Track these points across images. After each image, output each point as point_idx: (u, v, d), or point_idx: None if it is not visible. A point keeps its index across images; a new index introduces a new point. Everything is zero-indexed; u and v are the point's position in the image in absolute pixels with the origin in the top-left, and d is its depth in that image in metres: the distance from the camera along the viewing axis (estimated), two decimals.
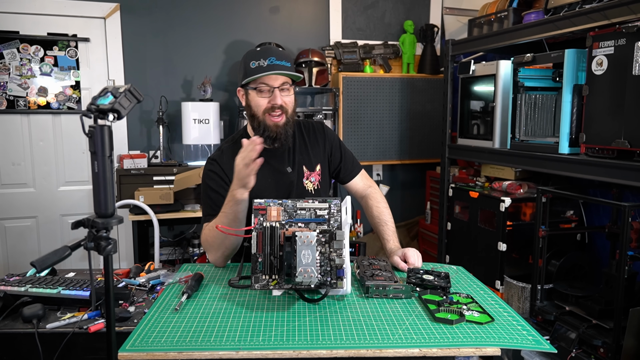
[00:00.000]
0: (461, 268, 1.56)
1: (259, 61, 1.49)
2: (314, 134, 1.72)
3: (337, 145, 1.75)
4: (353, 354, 1.03)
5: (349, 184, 1.78)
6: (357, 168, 1.79)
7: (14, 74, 3.13)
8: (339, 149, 1.75)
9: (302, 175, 1.66)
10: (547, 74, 2.46)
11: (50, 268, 1.34)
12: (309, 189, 1.66)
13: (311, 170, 1.67)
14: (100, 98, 0.97)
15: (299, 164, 1.66)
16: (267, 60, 1.49)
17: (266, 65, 1.49)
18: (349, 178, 1.77)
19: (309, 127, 1.74)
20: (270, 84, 1.51)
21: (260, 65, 1.49)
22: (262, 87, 1.52)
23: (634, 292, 2.00)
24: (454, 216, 3.00)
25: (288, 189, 1.63)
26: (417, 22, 3.76)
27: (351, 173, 1.77)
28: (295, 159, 1.66)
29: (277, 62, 1.49)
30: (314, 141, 1.71)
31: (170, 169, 3.03)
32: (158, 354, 1.01)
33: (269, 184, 1.60)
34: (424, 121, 3.69)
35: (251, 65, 1.50)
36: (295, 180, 1.64)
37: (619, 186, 2.18)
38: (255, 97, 1.54)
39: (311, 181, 1.67)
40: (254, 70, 1.49)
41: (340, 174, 1.76)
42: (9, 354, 1.34)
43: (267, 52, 1.51)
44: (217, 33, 3.43)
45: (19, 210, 3.24)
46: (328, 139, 1.73)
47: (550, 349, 1.07)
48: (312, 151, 1.69)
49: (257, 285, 1.24)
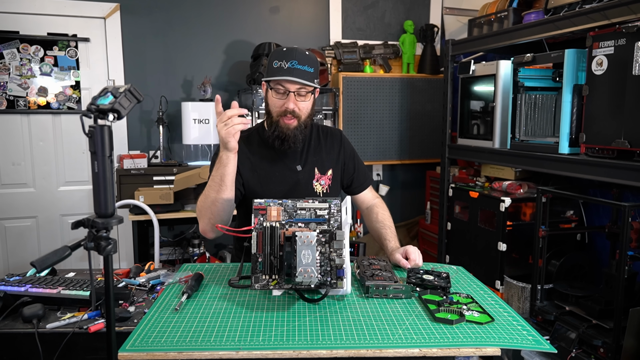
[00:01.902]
0: (461, 268, 1.56)
1: (281, 62, 1.50)
2: (331, 139, 1.74)
3: (351, 155, 1.77)
4: (353, 354, 1.03)
5: (357, 195, 1.80)
6: (369, 180, 1.83)
7: (14, 74, 3.13)
8: (353, 160, 1.77)
9: (313, 176, 1.67)
10: (547, 74, 2.47)
11: (50, 268, 1.34)
12: (317, 191, 1.67)
13: (322, 173, 1.68)
14: (100, 98, 0.97)
15: (311, 164, 1.67)
16: (289, 62, 1.49)
17: (286, 67, 1.49)
18: (360, 190, 1.79)
19: (327, 132, 1.76)
20: (286, 87, 1.52)
21: (281, 67, 1.49)
22: (280, 88, 1.52)
23: (634, 292, 2.00)
24: (454, 216, 3.00)
25: (293, 186, 1.64)
26: (417, 22, 3.76)
27: (362, 185, 1.79)
28: (308, 159, 1.67)
29: (298, 66, 1.49)
30: (330, 146, 1.73)
31: (170, 169, 3.03)
32: (158, 354, 1.01)
33: (276, 178, 1.62)
34: (424, 121, 3.69)
35: (274, 64, 1.51)
36: (305, 179, 1.65)
37: (619, 186, 2.18)
38: (272, 97, 1.56)
39: (321, 184, 1.68)
40: (275, 70, 1.50)
41: (352, 184, 1.78)
42: (9, 354, 1.34)
43: (291, 54, 1.51)
44: (217, 33, 3.43)
45: (19, 210, 3.23)
46: (344, 147, 1.75)
47: (550, 349, 1.07)
48: (327, 155, 1.71)
49: (257, 285, 1.24)
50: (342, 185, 1.78)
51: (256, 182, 1.62)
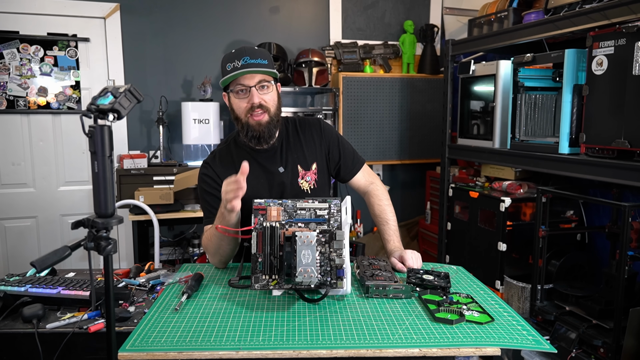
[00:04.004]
0: (461, 268, 1.56)
1: (233, 63, 1.49)
2: (309, 131, 1.68)
3: (335, 142, 1.70)
4: (353, 354, 1.03)
5: (350, 181, 1.75)
6: (359, 164, 1.75)
7: (14, 74, 3.13)
8: (337, 146, 1.70)
9: (297, 174, 1.63)
10: (547, 74, 2.46)
11: (50, 268, 1.34)
12: (304, 189, 1.63)
13: (306, 169, 1.64)
14: (100, 98, 0.97)
15: (292, 163, 1.63)
16: (242, 60, 1.49)
17: (240, 65, 1.48)
18: (350, 176, 1.74)
19: (304, 124, 1.70)
20: (246, 84, 1.50)
21: (235, 67, 1.49)
22: (239, 87, 1.51)
23: (634, 292, 2.00)
24: (454, 216, 3.00)
25: (280, 189, 1.60)
26: (417, 22, 3.76)
27: (352, 170, 1.73)
28: (289, 158, 1.63)
29: (251, 61, 1.49)
30: (309, 139, 1.67)
31: (170, 169, 3.03)
32: (158, 354, 1.01)
33: (262, 185, 1.59)
34: (424, 121, 3.69)
35: (227, 67, 1.51)
36: (289, 180, 1.61)
37: (619, 186, 2.18)
38: (235, 100, 1.54)
39: (306, 180, 1.64)
40: (229, 72, 1.50)
41: (340, 172, 1.72)
42: (9, 354, 1.34)
43: (241, 53, 1.50)
44: (217, 33, 3.43)
45: (18, 210, 3.23)
46: (325, 136, 1.69)
47: (550, 349, 1.07)
48: (307, 149, 1.66)
49: (257, 285, 1.24)
50: (330, 174, 1.73)
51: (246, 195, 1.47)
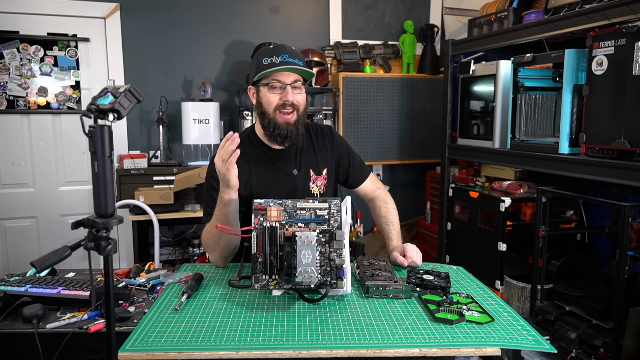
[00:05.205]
0: (461, 268, 1.56)
1: (271, 58, 1.49)
2: (322, 137, 1.71)
3: (345, 150, 1.74)
4: (353, 354, 1.02)
5: (357, 188, 1.79)
6: (366, 172, 1.80)
7: (14, 74, 3.13)
8: (348, 154, 1.74)
9: (309, 178, 1.65)
10: (547, 74, 2.46)
11: (50, 268, 1.34)
12: (314, 193, 1.66)
13: (318, 174, 1.66)
14: (100, 98, 0.97)
15: (306, 167, 1.65)
16: (280, 57, 1.49)
17: (279, 62, 1.48)
18: (358, 183, 1.78)
19: (317, 130, 1.73)
20: (282, 81, 1.51)
21: (273, 62, 1.49)
22: (274, 83, 1.51)
23: (634, 292, 2.00)
24: (454, 216, 3.00)
25: (292, 191, 1.61)
26: (417, 22, 3.76)
27: (360, 178, 1.77)
28: (303, 161, 1.64)
29: (289, 59, 1.49)
30: (322, 145, 1.70)
31: (170, 169, 3.03)
32: (158, 354, 1.01)
33: (274, 185, 1.60)
34: (424, 121, 3.69)
35: (264, 62, 1.50)
36: (302, 183, 1.63)
37: (619, 186, 2.18)
38: (266, 94, 1.53)
39: (317, 185, 1.66)
40: (267, 66, 1.49)
41: (349, 178, 1.76)
42: (9, 354, 1.34)
43: (280, 50, 1.51)
44: (217, 33, 3.43)
45: (19, 210, 3.23)
46: (336, 143, 1.73)
47: (550, 349, 1.07)
48: (320, 155, 1.69)
49: (257, 285, 1.24)
50: (338, 181, 1.76)
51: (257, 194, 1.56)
